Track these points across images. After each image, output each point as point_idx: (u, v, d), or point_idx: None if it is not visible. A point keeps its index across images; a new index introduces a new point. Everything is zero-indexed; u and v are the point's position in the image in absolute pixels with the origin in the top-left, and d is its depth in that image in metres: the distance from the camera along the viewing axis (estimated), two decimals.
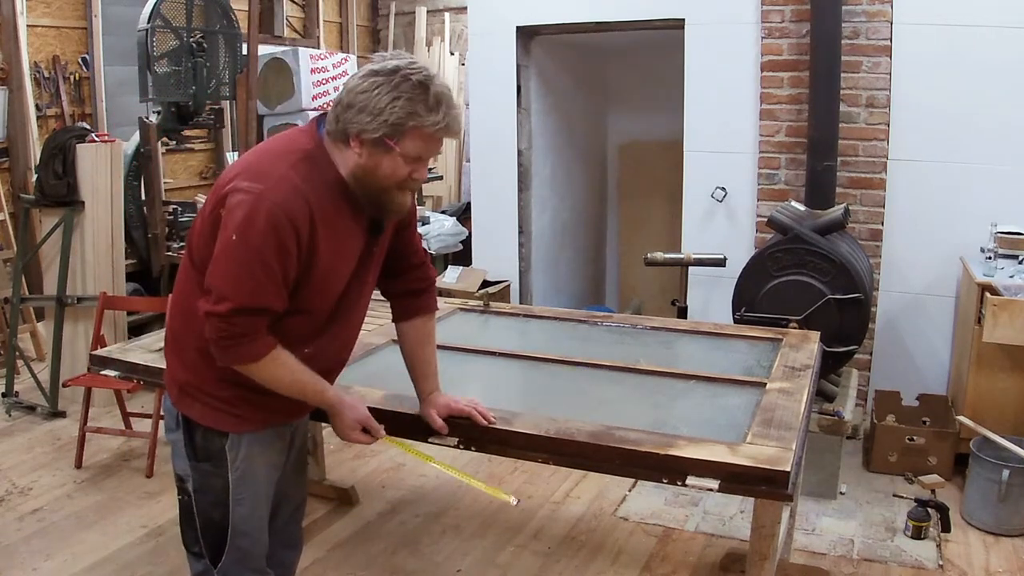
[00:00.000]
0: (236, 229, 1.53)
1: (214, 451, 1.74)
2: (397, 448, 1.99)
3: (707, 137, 4.13)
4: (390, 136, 1.54)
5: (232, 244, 1.54)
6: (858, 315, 3.22)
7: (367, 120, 1.53)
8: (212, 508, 1.77)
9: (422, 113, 1.54)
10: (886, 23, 3.64)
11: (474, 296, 3.48)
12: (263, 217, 1.52)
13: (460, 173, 7.28)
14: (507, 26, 4.66)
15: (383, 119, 1.53)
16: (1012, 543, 2.93)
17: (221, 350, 1.61)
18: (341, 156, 1.61)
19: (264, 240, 1.52)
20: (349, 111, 1.55)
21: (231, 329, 1.57)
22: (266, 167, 1.58)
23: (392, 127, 1.53)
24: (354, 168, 1.60)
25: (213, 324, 1.57)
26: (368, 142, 1.56)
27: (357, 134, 1.55)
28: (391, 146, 1.55)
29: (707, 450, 1.71)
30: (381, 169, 1.58)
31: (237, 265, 1.55)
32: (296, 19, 7.44)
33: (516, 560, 2.86)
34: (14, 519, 3.09)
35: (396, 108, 1.52)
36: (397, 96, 1.52)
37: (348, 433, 1.80)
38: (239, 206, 1.54)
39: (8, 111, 5.14)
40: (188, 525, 1.82)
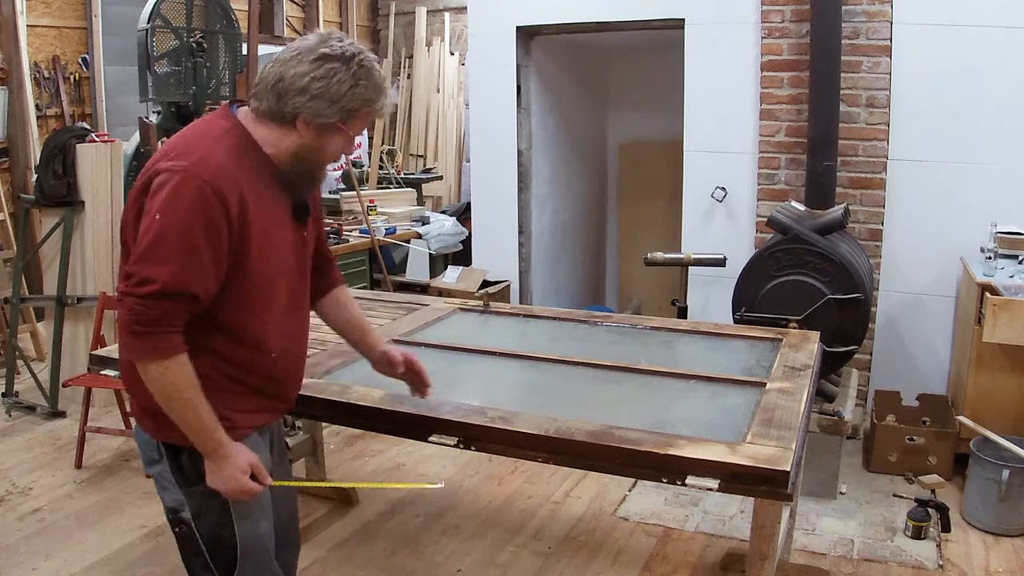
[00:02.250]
0: (160, 208, 1.47)
1: (202, 468, 1.65)
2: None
3: (707, 137, 4.13)
4: (343, 120, 1.58)
5: (156, 224, 1.47)
6: (858, 315, 3.22)
7: (325, 107, 1.55)
8: (217, 529, 1.69)
9: (374, 99, 1.59)
10: (886, 23, 3.64)
11: (474, 296, 3.48)
12: (188, 192, 1.48)
13: (460, 173, 7.28)
14: (507, 26, 4.66)
15: (341, 106, 1.56)
16: (1012, 543, 2.93)
17: (132, 338, 1.51)
18: (273, 136, 1.60)
19: (190, 217, 1.48)
20: (300, 96, 1.54)
21: (148, 313, 1.48)
22: (190, 145, 1.55)
23: (347, 113, 1.57)
24: (296, 148, 1.59)
25: (130, 307, 1.49)
26: (317, 126, 1.57)
27: (310, 119, 1.56)
28: (342, 129, 1.59)
29: (707, 450, 1.71)
30: (327, 148, 1.61)
31: (161, 245, 1.47)
32: (296, 19, 7.45)
33: (516, 560, 2.86)
34: (14, 519, 3.09)
35: (354, 95, 1.56)
36: (355, 84, 1.55)
37: (238, 478, 1.61)
38: (162, 185, 1.49)
39: (8, 111, 5.14)
40: (194, 555, 1.71)
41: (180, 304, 1.51)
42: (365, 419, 2.06)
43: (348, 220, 5.33)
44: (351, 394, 2.09)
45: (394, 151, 6.89)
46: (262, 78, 1.58)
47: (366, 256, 4.98)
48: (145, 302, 1.48)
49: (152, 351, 1.51)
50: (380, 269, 4.98)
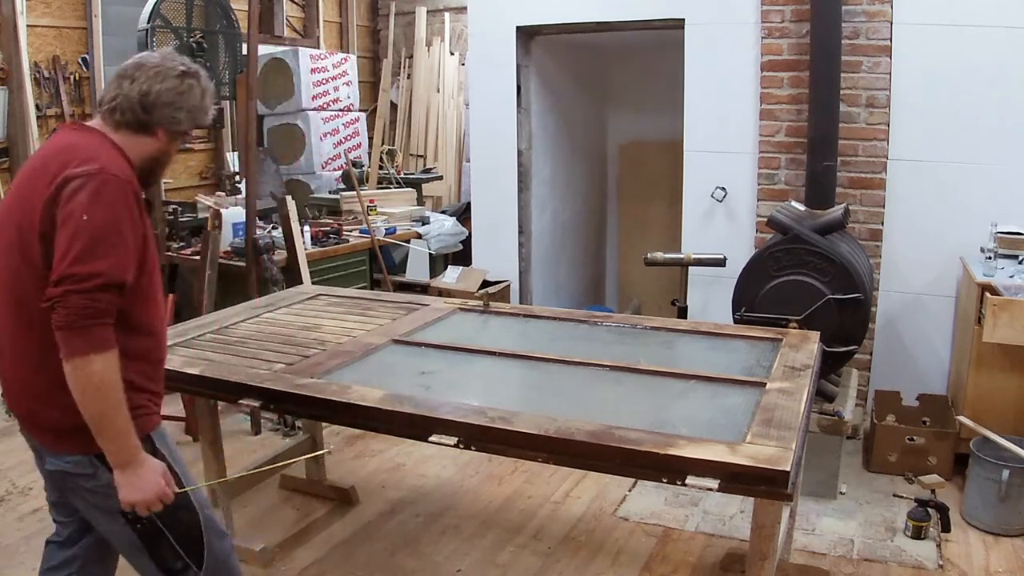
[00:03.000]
0: (85, 209, 1.56)
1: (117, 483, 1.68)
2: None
3: (707, 137, 4.13)
4: (190, 128, 1.79)
5: (86, 224, 1.56)
6: (858, 315, 3.22)
7: (183, 116, 1.75)
8: (178, 511, 1.75)
9: (210, 110, 1.82)
10: (886, 23, 3.65)
11: (474, 296, 3.48)
12: (110, 188, 1.59)
13: (460, 173, 7.27)
14: (507, 26, 4.66)
15: (193, 116, 1.77)
16: (1012, 543, 2.93)
17: (78, 334, 1.55)
18: (130, 143, 1.72)
19: (116, 210, 1.59)
20: (166, 108, 1.72)
21: (96, 306, 1.55)
22: (90, 152, 1.63)
23: (195, 122, 1.79)
24: (154, 153, 1.76)
25: (75, 304, 1.54)
26: (173, 133, 1.76)
27: (168, 126, 1.74)
28: (186, 135, 1.81)
29: (707, 450, 1.71)
30: (172, 151, 1.81)
31: (96, 241, 1.56)
32: (296, 19, 7.44)
33: (516, 560, 2.86)
34: (14, 519, 3.09)
35: (203, 106, 1.79)
36: (203, 96, 1.79)
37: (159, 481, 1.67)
38: (79, 189, 1.57)
39: (8, 111, 5.14)
40: (161, 546, 1.76)
41: (116, 296, 1.60)
42: (365, 419, 2.06)
43: (348, 220, 5.33)
44: (351, 394, 2.09)
45: (394, 151, 6.89)
46: (122, 94, 1.71)
47: (366, 256, 4.98)
48: (93, 295, 1.55)
49: (99, 344, 1.57)
50: (380, 269, 4.98)
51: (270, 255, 4.02)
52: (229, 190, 5.14)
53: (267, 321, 2.89)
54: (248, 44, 3.98)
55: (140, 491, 1.66)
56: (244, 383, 2.20)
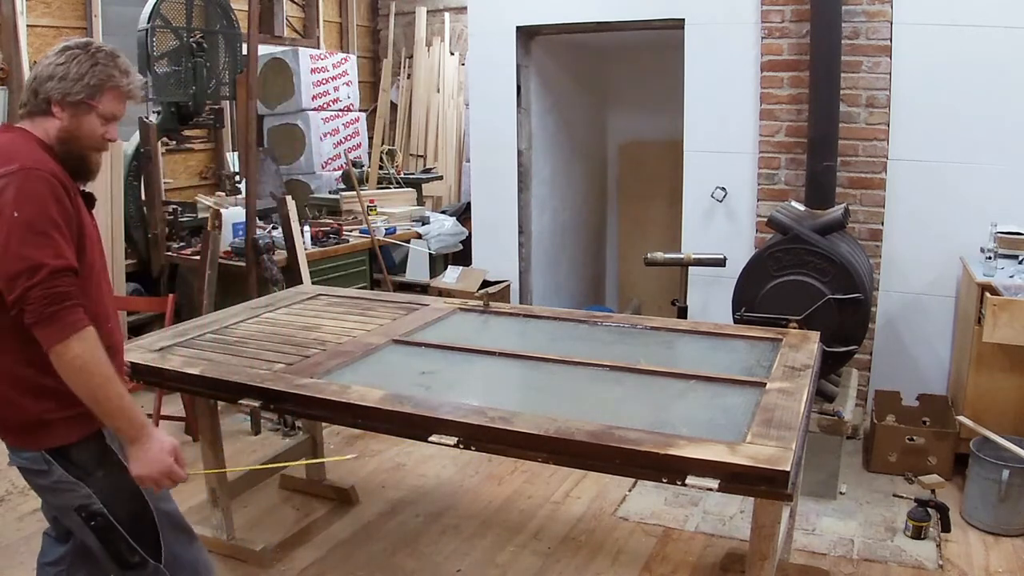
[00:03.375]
0: (13, 206, 1.58)
1: (96, 453, 1.74)
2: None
3: (707, 137, 4.13)
4: (91, 96, 1.72)
5: (17, 220, 1.58)
6: (858, 315, 3.22)
7: (70, 85, 1.71)
8: (130, 503, 1.77)
9: (116, 76, 1.75)
10: (886, 23, 3.64)
11: (474, 296, 3.48)
12: (33, 182, 1.61)
13: (460, 173, 7.27)
14: (507, 26, 4.66)
15: (85, 82, 1.71)
16: (1012, 543, 2.93)
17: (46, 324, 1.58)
18: (43, 129, 1.73)
19: (44, 201, 1.61)
20: (50, 82, 1.70)
21: (54, 291, 1.58)
22: (10, 152, 1.65)
23: (92, 88, 1.72)
24: (59, 133, 1.73)
25: (33, 297, 1.56)
26: (70, 105, 1.72)
27: (60, 99, 1.71)
28: (92, 106, 1.73)
29: (707, 450, 1.71)
30: (83, 129, 1.74)
31: (33, 234, 1.58)
32: (296, 19, 7.44)
33: (516, 560, 2.86)
34: (14, 519, 3.09)
35: (96, 71, 1.72)
36: (95, 63, 1.72)
37: (165, 459, 1.71)
38: (5, 189, 1.59)
39: (8, 111, 5.14)
40: (115, 542, 1.77)
41: (70, 279, 1.62)
42: (365, 419, 2.06)
43: (348, 220, 5.33)
44: (351, 394, 2.09)
45: (394, 151, 6.88)
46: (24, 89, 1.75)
47: (366, 256, 4.98)
48: (45, 283, 1.57)
49: (70, 326, 1.60)
50: (380, 269, 4.98)
51: (270, 255, 4.02)
52: (229, 190, 5.14)
53: (267, 321, 2.89)
54: (248, 44, 3.98)
55: (147, 466, 1.70)
56: (244, 383, 2.20)
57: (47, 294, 1.57)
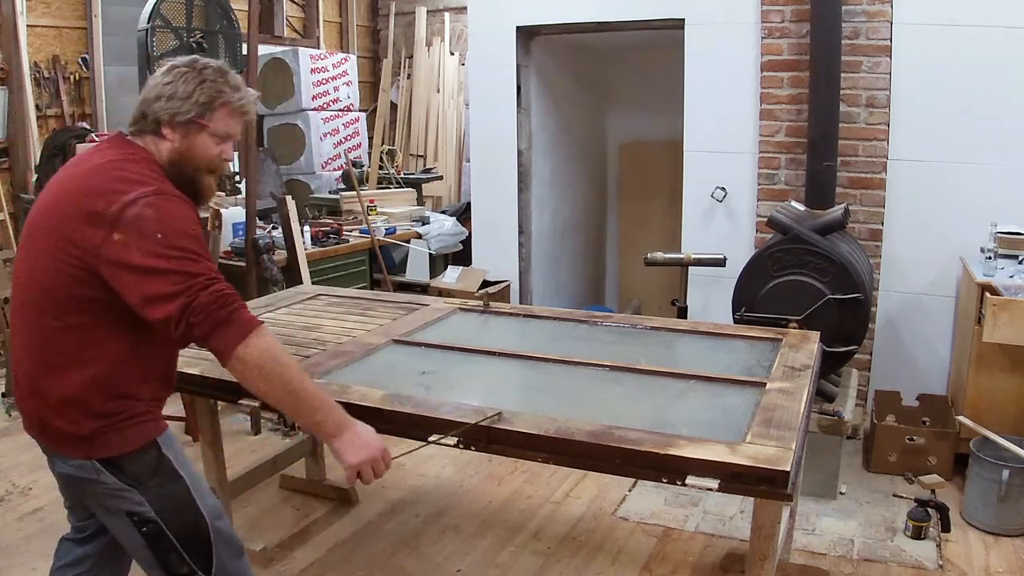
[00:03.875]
0: (157, 227, 1.55)
1: (151, 464, 1.70)
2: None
3: (707, 137, 4.13)
4: (201, 115, 1.68)
5: (162, 241, 1.55)
6: (858, 315, 3.22)
7: (178, 104, 1.67)
8: (184, 514, 1.73)
9: (227, 91, 1.71)
10: (886, 23, 3.65)
11: (474, 296, 3.48)
12: (172, 205, 1.60)
13: (460, 173, 7.28)
14: (507, 26, 4.66)
15: (194, 100, 1.67)
16: (1012, 543, 2.93)
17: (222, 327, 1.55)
18: (155, 149, 1.70)
19: (186, 222, 1.60)
20: (157, 102, 1.67)
21: (222, 294, 1.56)
22: (133, 175, 1.62)
23: (203, 106, 1.68)
24: (170, 154, 1.69)
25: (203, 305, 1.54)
26: (180, 125, 1.68)
27: (170, 119, 1.67)
28: (203, 124, 1.69)
29: (707, 450, 1.71)
30: (195, 149, 1.70)
31: (182, 252, 1.56)
32: (296, 19, 7.44)
33: (516, 560, 2.86)
34: (14, 519, 3.09)
35: (204, 88, 1.68)
36: (202, 80, 1.69)
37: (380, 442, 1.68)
38: (144, 211, 1.55)
39: (8, 111, 5.14)
40: (165, 551, 1.73)
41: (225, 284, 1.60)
42: (365, 419, 2.05)
43: (348, 220, 5.33)
44: (351, 394, 2.09)
45: (394, 151, 6.89)
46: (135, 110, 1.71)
47: (366, 256, 4.98)
48: (211, 289, 1.55)
49: (247, 325, 1.58)
50: (380, 269, 4.98)
51: (270, 255, 4.02)
52: (229, 190, 5.14)
53: (267, 321, 2.89)
54: (248, 44, 3.98)
55: (364, 450, 1.66)
56: None
57: (214, 299, 1.55)
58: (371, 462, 1.68)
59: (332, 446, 1.68)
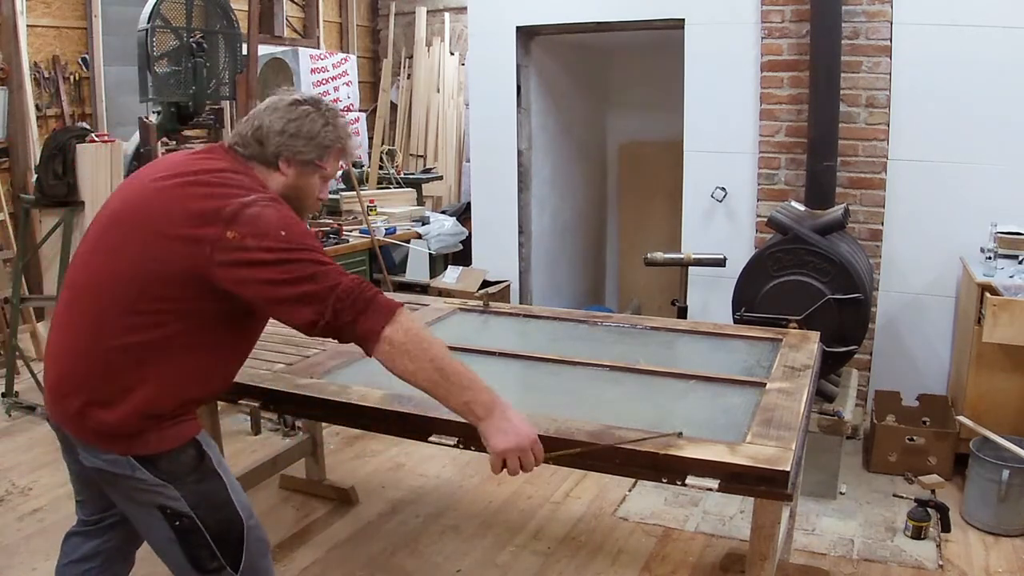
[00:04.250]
0: (279, 226, 1.57)
1: (190, 462, 1.70)
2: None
3: (707, 137, 4.13)
4: (319, 157, 1.74)
5: (286, 238, 1.56)
6: (858, 315, 3.22)
7: (302, 144, 1.71)
8: (221, 511, 1.73)
9: (344, 138, 1.77)
10: (886, 23, 3.64)
11: (474, 296, 3.48)
12: (285, 210, 1.63)
13: (460, 173, 7.28)
14: (507, 26, 4.66)
15: (317, 142, 1.72)
16: (1012, 543, 2.93)
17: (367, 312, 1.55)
18: (263, 177, 1.73)
19: (299, 223, 1.63)
20: (280, 136, 1.70)
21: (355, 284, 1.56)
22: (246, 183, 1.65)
23: (323, 149, 1.73)
24: (282, 189, 1.72)
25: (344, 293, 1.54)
26: (298, 163, 1.72)
27: (291, 157, 1.71)
28: (320, 166, 1.75)
29: (707, 450, 1.71)
30: (306, 189, 1.76)
31: (310, 247, 1.59)
32: (296, 19, 7.44)
33: (516, 560, 2.86)
34: (14, 519, 3.09)
35: (327, 132, 1.73)
36: (326, 123, 1.73)
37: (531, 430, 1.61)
38: (264, 211, 1.58)
39: (8, 111, 5.14)
40: (197, 546, 1.72)
41: None
42: (365, 419, 2.06)
43: (348, 220, 5.33)
44: (351, 394, 2.09)
45: (394, 151, 6.89)
46: (239, 132, 1.74)
47: (366, 256, 4.98)
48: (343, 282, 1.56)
49: (390, 305, 1.58)
50: (380, 269, 4.98)
51: None
52: None
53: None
54: (248, 44, 3.99)
55: (514, 436, 1.58)
56: (244, 383, 2.20)
57: (355, 285, 1.56)
58: (519, 451, 1.59)
59: (480, 428, 1.60)
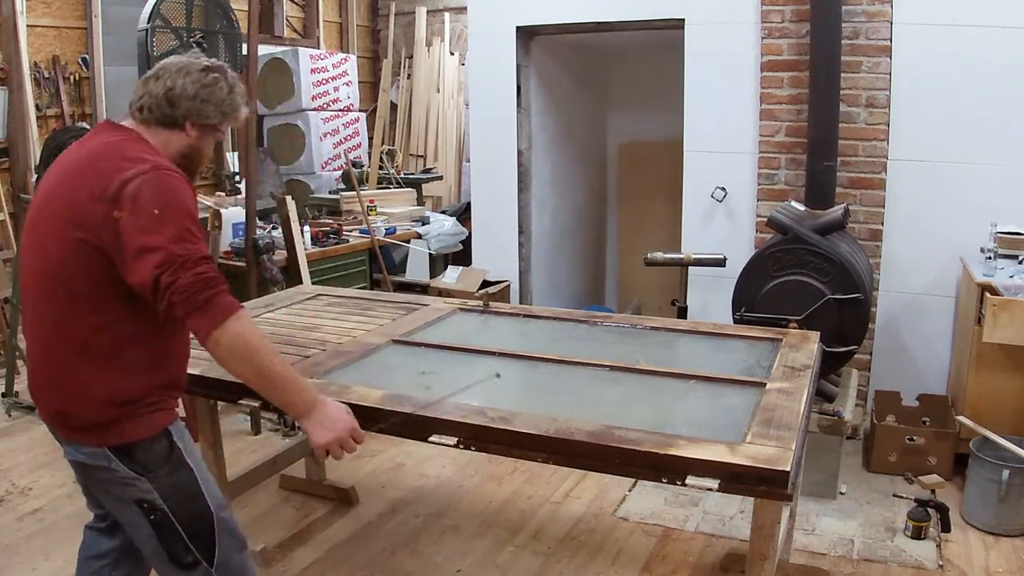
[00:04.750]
0: (153, 203, 1.60)
1: (162, 452, 1.74)
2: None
3: (707, 137, 4.13)
4: (220, 122, 1.82)
5: (158, 217, 1.60)
6: (858, 315, 3.22)
7: (211, 109, 1.78)
8: (191, 503, 1.77)
9: (240, 106, 1.86)
10: (886, 23, 3.64)
11: (474, 296, 3.48)
12: (167, 181, 1.65)
13: (460, 173, 7.28)
14: (507, 26, 4.66)
15: (222, 109, 1.80)
16: (1012, 543, 2.93)
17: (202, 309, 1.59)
18: (162, 139, 1.77)
19: (181, 198, 1.65)
20: (192, 101, 1.76)
21: (204, 277, 1.60)
22: (132, 154, 1.68)
23: (225, 115, 1.82)
24: (183, 148, 1.79)
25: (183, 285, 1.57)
26: (202, 126, 1.79)
27: (197, 121, 1.77)
28: (219, 130, 1.84)
29: (707, 450, 1.71)
30: (204, 148, 1.84)
31: (176, 228, 1.60)
32: (296, 19, 7.44)
33: (516, 560, 2.86)
34: (14, 519, 3.09)
35: (231, 100, 1.82)
36: (231, 91, 1.82)
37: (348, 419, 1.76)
38: (141, 187, 1.61)
39: (8, 111, 5.15)
40: (171, 539, 1.77)
41: (212, 266, 1.64)
42: (365, 419, 2.05)
43: (348, 220, 5.33)
44: (351, 394, 2.09)
45: (394, 151, 6.89)
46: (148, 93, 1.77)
47: (366, 256, 4.98)
48: (195, 271, 1.59)
49: (226, 308, 1.62)
50: (380, 269, 4.98)
51: (270, 255, 4.02)
52: (229, 190, 5.14)
53: (267, 321, 2.89)
54: (248, 44, 3.98)
55: (331, 431, 1.73)
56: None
57: (196, 281, 1.59)
58: (338, 442, 1.77)
59: (302, 426, 1.76)
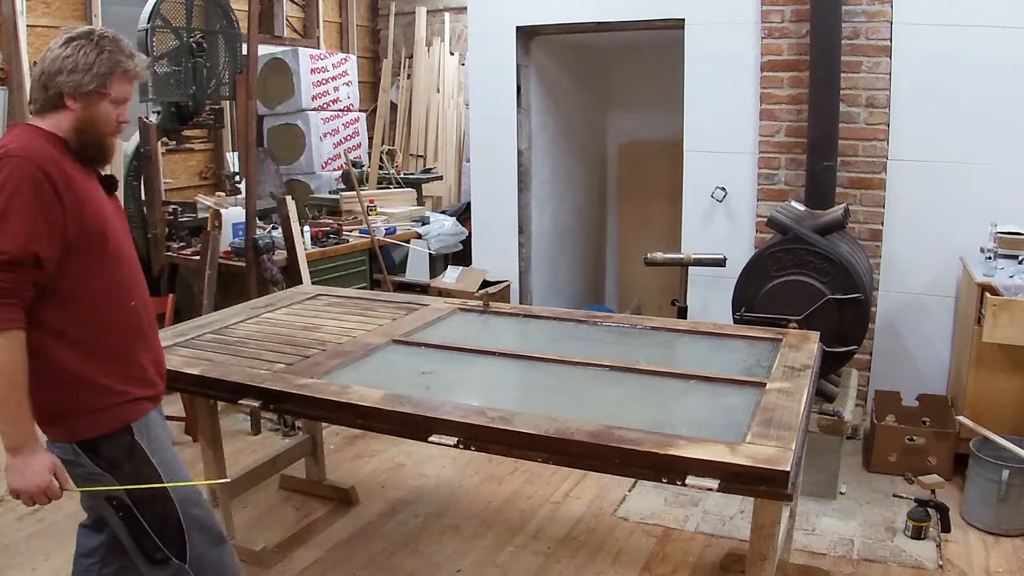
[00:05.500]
0: None
1: (124, 448, 1.75)
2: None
3: (707, 137, 4.13)
4: (102, 84, 1.74)
5: None
6: (858, 315, 3.22)
7: (81, 76, 1.71)
8: (156, 503, 1.78)
9: (123, 60, 1.76)
10: (886, 23, 3.64)
11: (474, 296, 3.48)
12: (20, 172, 1.61)
13: (460, 173, 7.27)
14: (507, 26, 4.66)
15: (95, 71, 1.72)
16: (1012, 543, 2.93)
17: None
18: (55, 122, 1.74)
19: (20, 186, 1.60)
20: (59, 76, 1.71)
21: None
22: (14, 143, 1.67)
23: (103, 76, 1.73)
24: (74, 123, 1.74)
25: None
26: (83, 96, 1.73)
27: (73, 91, 1.72)
28: (104, 93, 1.75)
29: (707, 450, 1.71)
30: (99, 117, 1.76)
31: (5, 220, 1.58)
32: (296, 19, 7.44)
33: (516, 560, 2.86)
34: (14, 519, 3.09)
35: (103, 59, 1.73)
36: (101, 51, 1.73)
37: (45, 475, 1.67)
38: None
39: (8, 111, 5.14)
40: (142, 537, 1.79)
41: (26, 275, 1.60)
42: (365, 419, 2.06)
43: (348, 220, 5.33)
44: (351, 394, 2.09)
45: (394, 151, 6.88)
46: (31, 88, 1.76)
47: (366, 256, 4.98)
48: None
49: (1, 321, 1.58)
50: (380, 269, 4.98)
51: (270, 255, 4.02)
52: (229, 190, 5.14)
53: (267, 321, 2.89)
54: (248, 44, 3.98)
55: (23, 479, 1.68)
56: (244, 383, 2.20)
57: None
58: (27, 493, 1.70)
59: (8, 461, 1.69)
